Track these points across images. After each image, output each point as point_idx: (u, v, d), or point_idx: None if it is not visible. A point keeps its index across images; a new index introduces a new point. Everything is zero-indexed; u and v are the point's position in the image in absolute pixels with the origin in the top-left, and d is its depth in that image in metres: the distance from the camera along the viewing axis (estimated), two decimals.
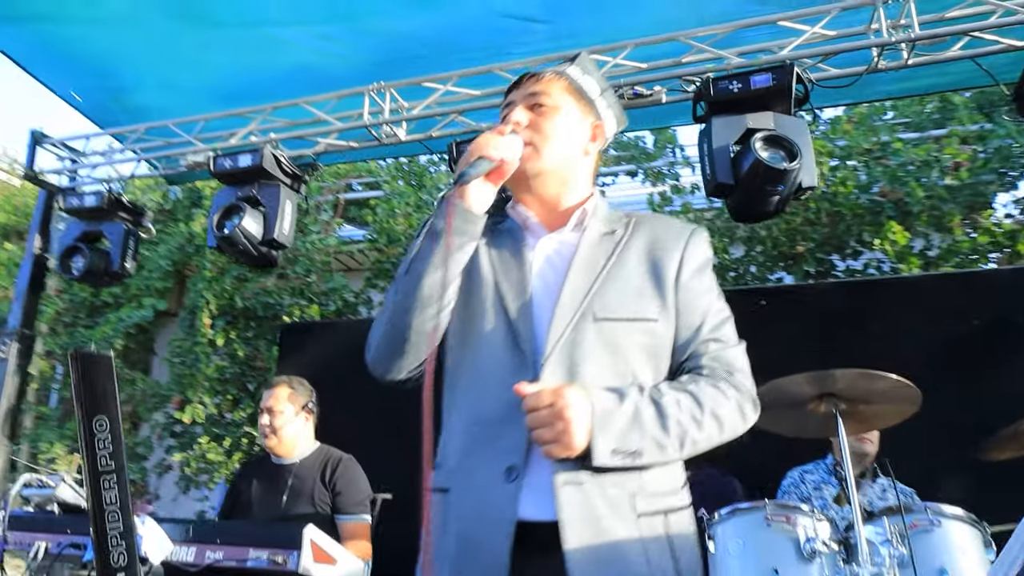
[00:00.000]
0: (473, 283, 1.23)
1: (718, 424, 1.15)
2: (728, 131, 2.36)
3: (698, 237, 1.30)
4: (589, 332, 1.16)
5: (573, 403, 1.04)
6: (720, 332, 1.24)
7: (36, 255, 3.32)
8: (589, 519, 1.07)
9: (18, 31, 3.85)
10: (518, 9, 3.45)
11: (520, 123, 1.24)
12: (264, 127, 3.34)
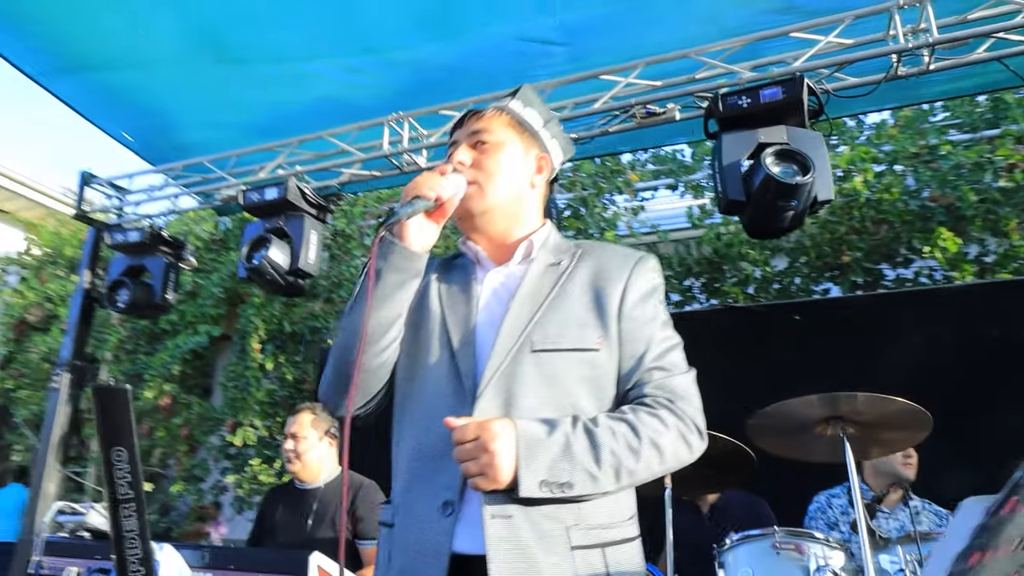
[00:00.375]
0: (422, 318, 1.25)
1: (658, 453, 1.12)
2: (739, 147, 2.32)
3: (643, 266, 1.29)
4: (527, 364, 1.16)
5: (498, 435, 1.05)
6: (665, 360, 1.22)
7: (86, 289, 3.52)
8: (516, 552, 1.06)
9: (76, 81, 4.11)
10: (536, 33, 3.49)
11: (464, 163, 1.26)
12: (291, 160, 3.46)
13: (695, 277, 6.05)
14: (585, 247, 1.33)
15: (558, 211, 2.59)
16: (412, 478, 1.18)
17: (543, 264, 1.29)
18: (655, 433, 1.13)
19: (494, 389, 1.15)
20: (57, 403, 3.18)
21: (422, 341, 1.24)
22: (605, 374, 1.20)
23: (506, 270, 1.30)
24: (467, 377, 1.18)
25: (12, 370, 7.92)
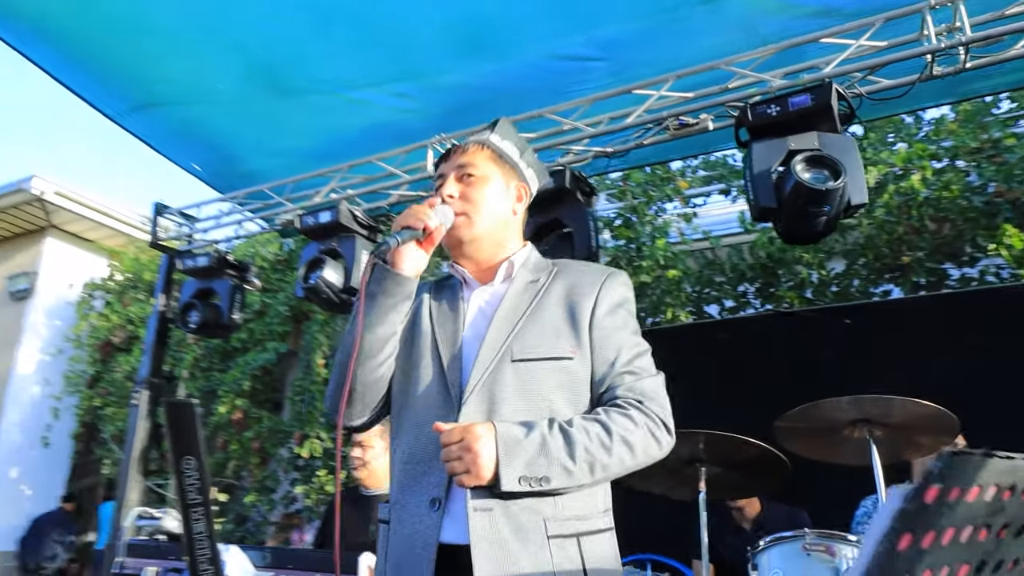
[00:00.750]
0: (415, 335, 1.38)
1: (629, 449, 1.22)
2: (769, 155, 2.34)
3: (613, 280, 1.40)
4: (507, 373, 1.28)
5: (480, 436, 1.16)
6: (634, 364, 1.32)
7: (161, 311, 3.79)
8: (495, 542, 1.17)
9: (148, 118, 4.43)
10: (572, 51, 3.58)
11: (453, 195, 1.37)
12: (343, 184, 3.64)
13: (749, 282, 5.99)
14: (561, 265, 1.45)
15: (596, 225, 2.64)
16: (405, 479, 1.30)
17: (523, 282, 1.40)
18: (626, 431, 1.22)
19: (477, 397, 1.27)
20: (137, 419, 3.44)
21: (414, 357, 1.36)
22: (579, 379, 1.31)
23: (491, 289, 1.42)
24: (454, 387, 1.29)
25: (99, 389, 8.43)
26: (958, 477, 0.62)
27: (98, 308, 8.85)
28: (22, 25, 3.80)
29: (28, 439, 8.86)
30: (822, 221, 2.26)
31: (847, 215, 2.32)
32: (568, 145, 3.10)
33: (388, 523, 1.31)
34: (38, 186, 8.69)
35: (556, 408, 1.27)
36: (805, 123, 2.34)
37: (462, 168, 1.41)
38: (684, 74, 2.85)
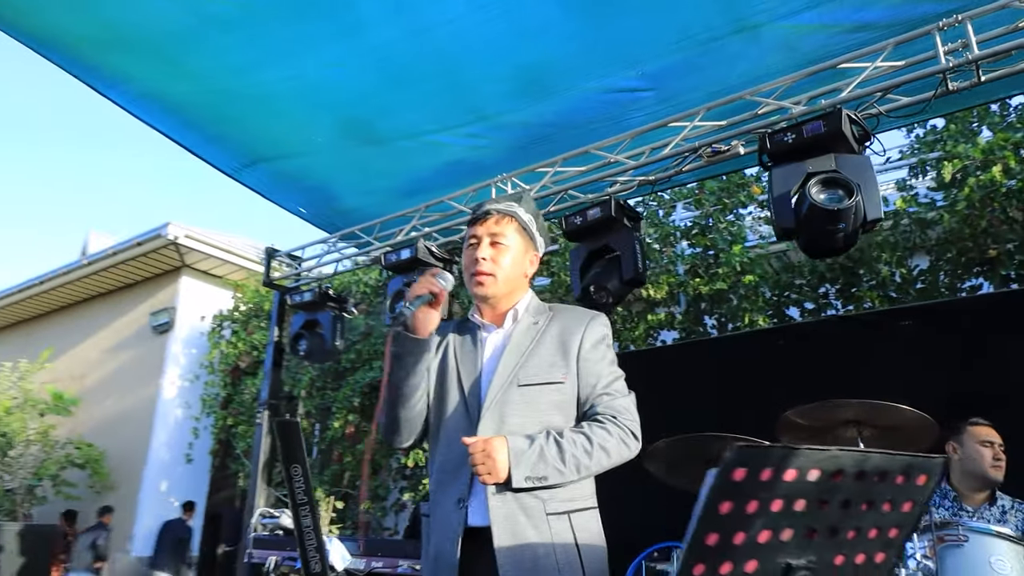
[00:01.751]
0: (444, 371, 1.77)
1: (605, 453, 1.60)
2: (788, 178, 2.54)
3: (595, 322, 1.76)
4: (514, 395, 1.66)
5: (496, 447, 1.54)
6: (611, 388, 1.69)
7: (276, 342, 4.36)
8: (509, 519, 1.55)
9: (257, 171, 5.08)
10: (623, 84, 3.86)
11: (486, 258, 1.72)
12: (422, 221, 4.08)
13: (830, 283, 5.98)
14: (556, 309, 1.82)
15: (642, 249, 2.85)
16: (439, 484, 1.70)
17: (526, 324, 1.77)
18: (602, 440, 1.61)
19: (491, 414, 1.65)
20: (261, 435, 4.00)
21: (444, 389, 1.75)
22: (569, 399, 1.69)
23: (502, 331, 1.79)
24: (472, 408, 1.68)
25: (231, 409, 9.35)
26: (762, 463, 0.90)
27: (227, 337, 9.80)
28: (152, 102, 4.49)
29: (174, 456, 9.95)
30: (840, 238, 2.44)
31: (865, 230, 2.47)
32: (614, 177, 3.39)
33: (428, 516, 1.71)
34: (172, 231, 9.79)
35: (551, 421, 1.65)
36: (822, 147, 2.52)
37: (494, 236, 1.77)
38: (714, 106, 3.08)
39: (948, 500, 2.53)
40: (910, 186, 5.86)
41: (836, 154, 2.51)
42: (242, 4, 3.51)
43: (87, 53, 4.13)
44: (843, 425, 2.08)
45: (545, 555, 1.54)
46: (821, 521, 1.01)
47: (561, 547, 1.56)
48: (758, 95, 2.92)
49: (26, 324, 12.90)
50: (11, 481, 9.32)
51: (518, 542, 1.54)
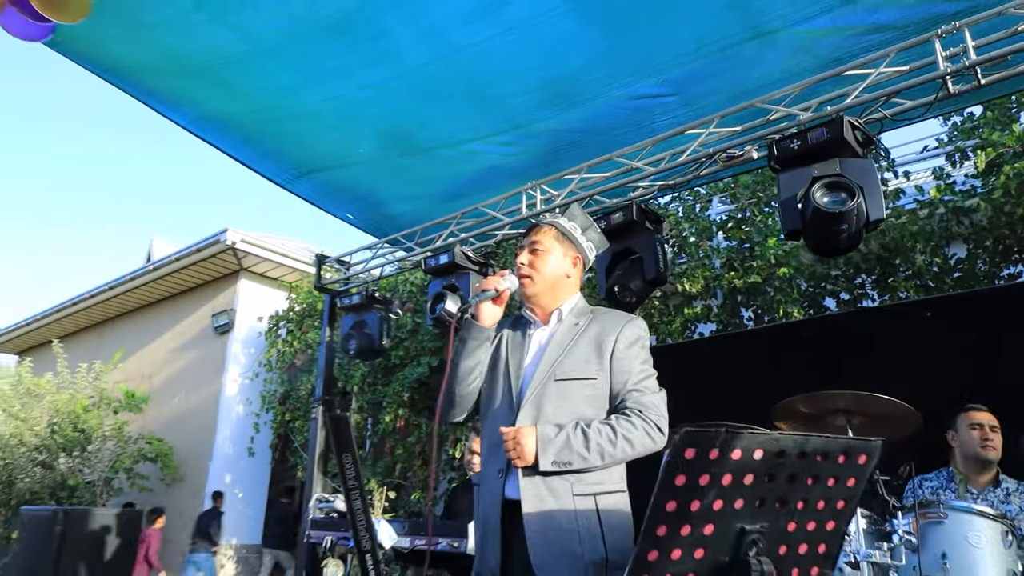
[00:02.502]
0: (496, 360, 1.98)
1: (629, 444, 1.80)
2: (794, 183, 2.69)
3: (631, 324, 1.97)
4: (551, 388, 1.88)
5: (526, 435, 1.78)
6: (641, 384, 1.88)
7: (328, 342, 4.68)
8: (536, 495, 1.78)
9: (308, 182, 5.42)
10: (647, 91, 4.04)
11: (524, 263, 1.95)
12: (459, 227, 4.34)
13: (866, 274, 6.01)
14: (597, 312, 2.03)
15: (663, 251, 2.98)
16: (486, 458, 1.96)
17: (569, 324, 1.99)
18: (627, 431, 1.80)
19: (529, 406, 1.88)
20: (316, 429, 4.33)
21: (495, 376, 2.00)
22: (602, 394, 1.88)
23: (548, 329, 2.02)
24: (516, 399, 1.91)
25: (289, 405, 9.82)
26: (709, 444, 1.11)
27: (282, 336, 10.27)
28: (210, 122, 4.85)
29: (237, 450, 10.49)
30: (844, 238, 2.58)
31: (869, 229, 2.61)
32: (636, 182, 3.57)
33: (478, 485, 1.98)
34: (230, 237, 10.30)
35: (584, 413, 1.86)
36: (826, 152, 2.66)
37: (533, 244, 2.04)
38: (727, 113, 3.24)
39: (954, 483, 2.66)
40: (947, 175, 5.85)
41: (840, 158, 2.65)
42: (288, 33, 3.81)
43: (149, 80, 4.50)
44: (834, 414, 2.25)
45: (568, 528, 1.76)
46: (770, 493, 1.21)
47: (585, 523, 1.77)
48: (768, 103, 3.07)
49: (98, 327, 13.69)
50: (91, 474, 9.98)
51: (544, 515, 1.77)
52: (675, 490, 1.13)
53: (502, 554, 1.82)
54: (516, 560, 1.79)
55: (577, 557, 1.75)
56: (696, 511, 1.15)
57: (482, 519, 1.91)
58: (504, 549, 1.82)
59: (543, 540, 1.75)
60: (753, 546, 1.18)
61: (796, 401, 2.30)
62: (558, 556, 1.75)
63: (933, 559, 1.95)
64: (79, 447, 9.99)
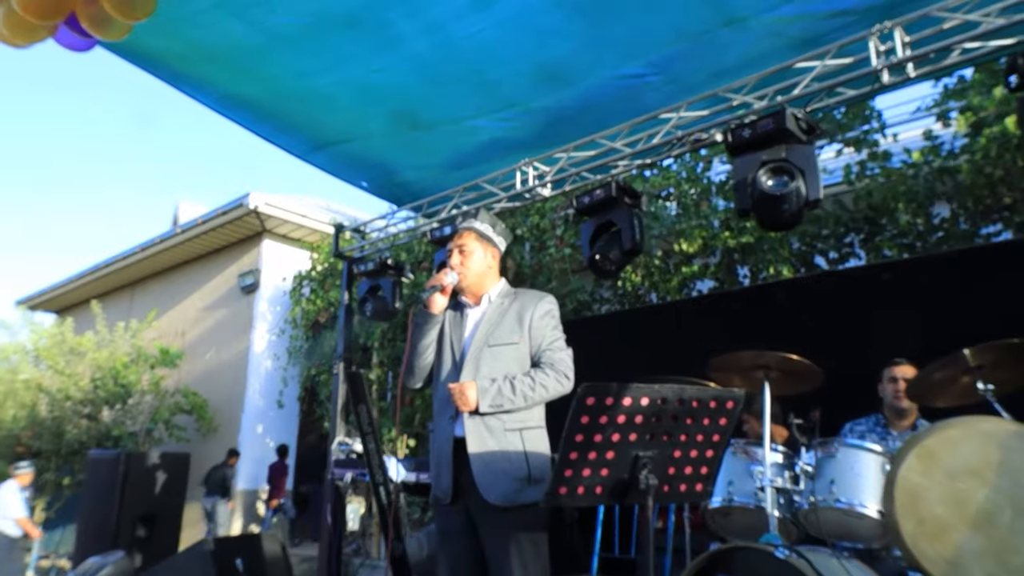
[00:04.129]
0: (442, 337, 2.49)
1: (544, 388, 2.33)
2: (746, 166, 3.03)
3: (544, 300, 2.50)
4: (486, 353, 2.40)
5: (468, 388, 2.30)
6: (552, 346, 2.42)
7: (346, 305, 5.16)
8: (477, 434, 2.30)
9: (324, 154, 5.82)
10: (632, 71, 4.36)
11: (456, 264, 2.43)
12: (462, 200, 4.74)
13: (855, 233, 6.33)
14: (518, 292, 2.54)
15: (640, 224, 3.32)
16: (438, 410, 2.49)
17: (496, 304, 2.53)
18: (543, 380, 2.34)
19: (469, 366, 2.41)
20: (338, 383, 4.82)
21: (441, 349, 2.52)
22: (524, 354, 2.42)
23: (480, 309, 2.55)
24: (458, 363, 2.43)
25: (314, 360, 10.42)
26: (604, 393, 1.54)
27: (306, 295, 10.82)
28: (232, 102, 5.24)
29: (267, 402, 11.18)
30: (786, 216, 2.94)
31: (809, 207, 2.96)
32: (616, 162, 3.94)
33: (433, 431, 2.52)
34: (253, 200, 10.79)
35: (510, 369, 2.40)
36: (774, 139, 2.99)
37: (460, 247, 2.57)
38: (693, 101, 3.58)
39: (880, 427, 3.09)
40: (934, 136, 6.10)
41: (786, 144, 2.99)
42: (301, 27, 4.18)
43: (175, 65, 4.89)
44: (756, 368, 2.66)
45: (501, 453, 2.30)
46: (657, 428, 1.65)
47: (513, 449, 2.33)
48: (730, 92, 3.40)
49: (130, 287, 14.38)
50: (132, 425, 10.74)
51: (484, 447, 2.32)
52: (580, 426, 1.57)
53: (452, 478, 2.36)
54: (463, 481, 2.34)
55: (507, 474, 2.30)
56: (598, 442, 1.59)
57: (436, 455, 2.45)
58: (454, 474, 2.36)
59: (483, 463, 2.30)
60: (644, 467, 1.62)
61: (726, 357, 2.73)
62: (495, 474, 2.30)
63: (824, 484, 2.39)
64: (120, 400, 10.73)
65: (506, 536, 2.26)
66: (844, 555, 2.19)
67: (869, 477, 2.33)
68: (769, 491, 2.44)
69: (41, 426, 10.54)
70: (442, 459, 2.39)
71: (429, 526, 3.84)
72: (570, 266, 8.01)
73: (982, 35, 2.69)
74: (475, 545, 2.34)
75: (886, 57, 2.88)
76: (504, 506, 2.27)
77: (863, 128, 6.47)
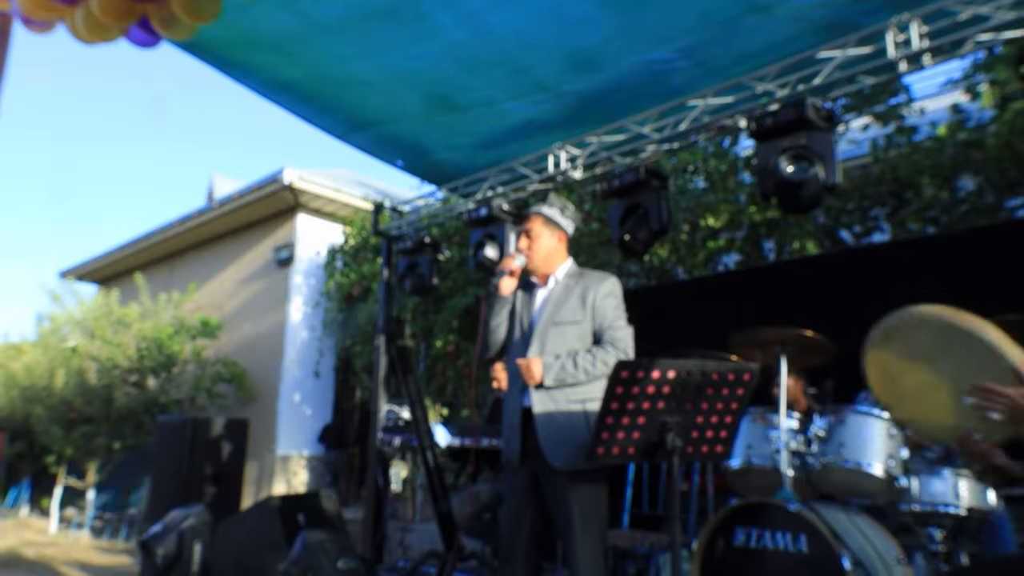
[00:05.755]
0: (513, 313, 2.70)
1: (605, 364, 2.55)
2: (768, 152, 3.22)
3: (607, 281, 2.73)
4: (551, 330, 2.65)
5: (535, 364, 2.54)
6: (614, 325, 2.64)
7: (386, 281, 5.45)
8: (543, 405, 2.56)
9: (361, 135, 6.07)
10: (660, 57, 4.53)
11: (522, 247, 2.65)
12: (495, 182, 4.98)
13: (881, 206, 6.44)
14: (584, 273, 2.77)
15: (667, 206, 3.51)
16: (510, 381, 2.73)
17: (563, 284, 2.76)
18: (604, 357, 2.57)
19: (536, 343, 2.66)
20: (380, 355, 5.12)
21: (512, 325, 2.77)
22: (586, 332, 2.66)
23: (547, 289, 2.78)
24: (527, 338, 2.68)
25: (349, 332, 10.79)
26: (636, 367, 1.79)
27: (339, 268, 11.16)
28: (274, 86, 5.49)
29: (304, 372, 11.60)
30: (805, 199, 3.13)
31: (827, 192, 3.15)
32: (644, 146, 4.14)
33: (504, 400, 2.76)
34: (288, 176, 11.10)
35: (574, 346, 2.64)
36: (795, 127, 3.17)
37: (528, 231, 2.79)
38: (719, 88, 3.75)
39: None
40: (962, 110, 6.15)
41: (806, 132, 3.17)
42: (342, 18, 4.41)
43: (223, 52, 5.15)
44: (774, 343, 2.89)
45: (564, 423, 2.57)
46: (682, 398, 1.90)
47: (576, 419, 2.57)
48: (753, 80, 3.57)
49: (169, 260, 14.86)
50: (177, 393, 11.25)
51: (549, 417, 2.58)
52: (616, 396, 1.83)
53: (521, 444, 2.62)
54: (530, 446, 2.61)
55: (570, 440, 2.56)
56: (631, 409, 1.85)
57: (507, 422, 2.72)
58: (522, 440, 2.62)
59: (548, 431, 2.56)
60: (670, 431, 1.88)
61: (746, 333, 2.96)
62: (558, 440, 2.56)
63: (834, 447, 2.63)
64: (165, 369, 11.22)
65: (568, 496, 2.54)
66: (852, 510, 2.44)
67: (875, 440, 2.57)
68: (784, 453, 2.69)
69: (92, 393, 11.07)
70: (512, 426, 2.65)
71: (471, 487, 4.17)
72: (598, 240, 8.22)
73: (994, 27, 2.83)
74: (538, 502, 2.64)
75: (904, 47, 3.04)
76: (567, 470, 2.53)
77: (891, 102, 6.52)
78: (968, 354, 1.63)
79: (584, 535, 2.48)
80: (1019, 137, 5.53)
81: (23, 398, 11.94)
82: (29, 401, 11.79)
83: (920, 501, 2.63)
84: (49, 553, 8.80)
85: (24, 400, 11.92)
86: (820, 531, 2.30)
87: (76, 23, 3.24)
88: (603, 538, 2.57)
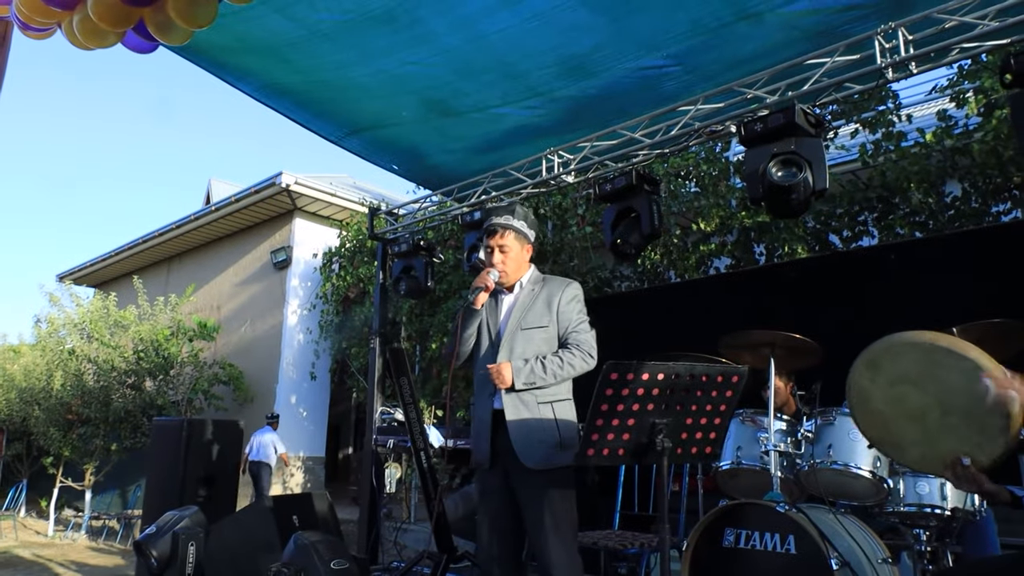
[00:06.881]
0: (481, 323, 2.76)
1: (571, 367, 2.63)
2: (757, 158, 3.27)
3: (570, 287, 2.80)
4: (519, 335, 2.70)
5: (504, 368, 2.59)
6: (577, 328, 2.72)
7: (382, 284, 5.48)
8: (513, 408, 2.60)
9: (357, 139, 6.11)
10: (651, 63, 4.58)
11: (498, 262, 2.71)
12: (490, 186, 5.01)
13: (869, 211, 6.50)
14: (547, 279, 2.84)
15: (658, 210, 3.61)
16: (478, 386, 2.79)
17: (527, 291, 2.82)
18: (570, 359, 2.63)
19: (504, 348, 2.71)
20: (375, 357, 5.16)
21: (481, 332, 2.81)
22: (553, 336, 2.72)
23: (513, 295, 2.85)
24: (494, 344, 2.73)
25: (344, 334, 10.82)
26: (625, 369, 1.83)
27: (335, 271, 11.19)
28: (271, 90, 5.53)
29: (300, 374, 11.63)
30: (794, 204, 3.18)
31: (816, 197, 3.20)
32: (636, 151, 4.19)
33: (474, 404, 2.83)
34: (285, 179, 11.13)
35: (542, 350, 2.70)
36: (784, 132, 3.22)
37: (501, 246, 2.84)
38: (710, 94, 3.80)
39: None
40: (949, 116, 6.22)
41: (796, 137, 3.22)
42: (339, 23, 4.45)
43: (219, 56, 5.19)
44: (762, 346, 2.94)
45: (534, 423, 2.63)
46: (671, 399, 1.94)
47: (546, 421, 2.65)
48: (743, 86, 3.62)
49: (166, 262, 14.88)
50: (174, 395, 11.27)
51: (520, 418, 2.65)
52: (605, 397, 1.87)
53: (491, 446, 2.70)
54: (500, 447, 2.68)
55: (542, 441, 2.63)
56: (621, 410, 1.89)
57: (477, 425, 2.79)
58: (492, 441, 2.70)
59: (519, 432, 2.63)
60: (660, 432, 1.92)
61: (735, 336, 3.01)
62: (528, 441, 2.62)
63: (823, 449, 2.68)
64: (162, 371, 11.24)
65: (541, 494, 2.59)
66: (839, 511, 2.48)
67: (863, 442, 2.61)
68: (773, 455, 2.74)
69: (89, 395, 11.09)
70: (482, 429, 2.72)
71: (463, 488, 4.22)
72: (591, 244, 8.27)
73: (979, 36, 2.88)
74: (512, 502, 2.68)
75: (890, 55, 3.09)
76: (539, 469, 2.59)
77: (879, 108, 6.59)
78: (953, 372, 1.67)
79: (555, 536, 2.54)
80: (1004, 143, 5.60)
81: (21, 400, 11.95)
82: (27, 403, 11.80)
83: (907, 502, 2.68)
84: (46, 554, 8.82)
85: (22, 402, 11.93)
86: (808, 532, 2.34)
87: (73, 28, 3.28)
88: (574, 539, 2.63)
